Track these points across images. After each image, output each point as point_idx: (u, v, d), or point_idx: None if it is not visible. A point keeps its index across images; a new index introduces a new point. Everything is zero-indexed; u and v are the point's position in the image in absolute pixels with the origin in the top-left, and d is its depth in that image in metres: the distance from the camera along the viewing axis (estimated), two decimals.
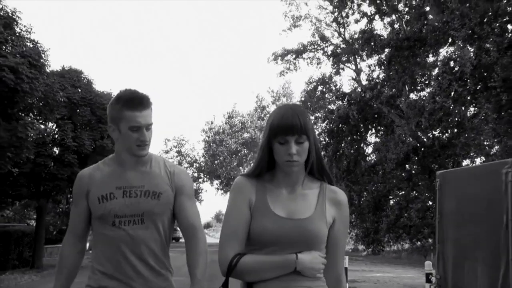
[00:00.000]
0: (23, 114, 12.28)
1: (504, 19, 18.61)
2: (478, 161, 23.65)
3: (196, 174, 48.95)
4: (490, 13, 18.76)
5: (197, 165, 49.23)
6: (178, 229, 2.97)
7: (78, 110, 17.01)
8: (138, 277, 2.38)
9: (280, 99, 46.59)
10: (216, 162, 47.13)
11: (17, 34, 12.45)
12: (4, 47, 11.51)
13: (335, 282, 1.89)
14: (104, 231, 2.41)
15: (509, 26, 19.30)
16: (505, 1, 18.67)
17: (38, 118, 14.56)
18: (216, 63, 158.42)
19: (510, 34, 18.72)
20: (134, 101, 2.37)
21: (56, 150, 16.56)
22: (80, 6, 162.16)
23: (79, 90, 17.40)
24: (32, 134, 12.25)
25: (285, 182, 1.90)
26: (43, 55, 12.77)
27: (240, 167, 46.53)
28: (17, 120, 11.50)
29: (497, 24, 18.61)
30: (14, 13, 12.93)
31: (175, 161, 47.69)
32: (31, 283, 13.18)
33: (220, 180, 47.65)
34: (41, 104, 13.04)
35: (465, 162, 23.06)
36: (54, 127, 16.07)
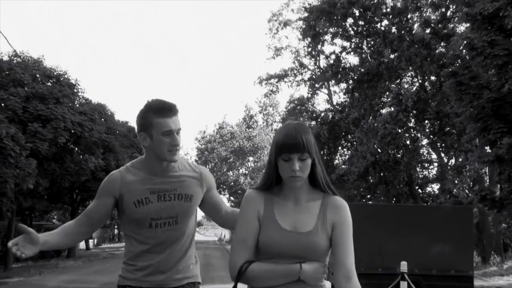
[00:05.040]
0: (79, 151, 17.52)
1: (439, 64, 23.21)
2: (434, 172, 28.61)
3: None
4: (428, 59, 23.37)
5: None
6: None
7: (104, 138, 21.43)
8: (171, 269, 2.61)
9: (267, 109, 49.54)
10: (207, 167, 50.40)
11: (76, 94, 17.50)
12: (73, 108, 16.55)
13: (344, 279, 1.95)
14: (141, 232, 2.58)
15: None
16: (438, 50, 23.43)
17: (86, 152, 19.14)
18: (211, 75, 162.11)
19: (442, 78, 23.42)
20: (165, 108, 2.50)
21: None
22: (79, 6, 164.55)
23: (103, 120, 21.77)
24: (90, 166, 17.14)
25: (291, 196, 2.00)
26: (90, 106, 17.92)
27: (229, 172, 49.33)
28: (71, 154, 16.69)
29: (434, 67, 23.20)
30: (76, 81, 17.81)
31: None
32: (77, 266, 17.73)
33: None
34: (92, 144, 17.95)
35: (421, 174, 28.09)
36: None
